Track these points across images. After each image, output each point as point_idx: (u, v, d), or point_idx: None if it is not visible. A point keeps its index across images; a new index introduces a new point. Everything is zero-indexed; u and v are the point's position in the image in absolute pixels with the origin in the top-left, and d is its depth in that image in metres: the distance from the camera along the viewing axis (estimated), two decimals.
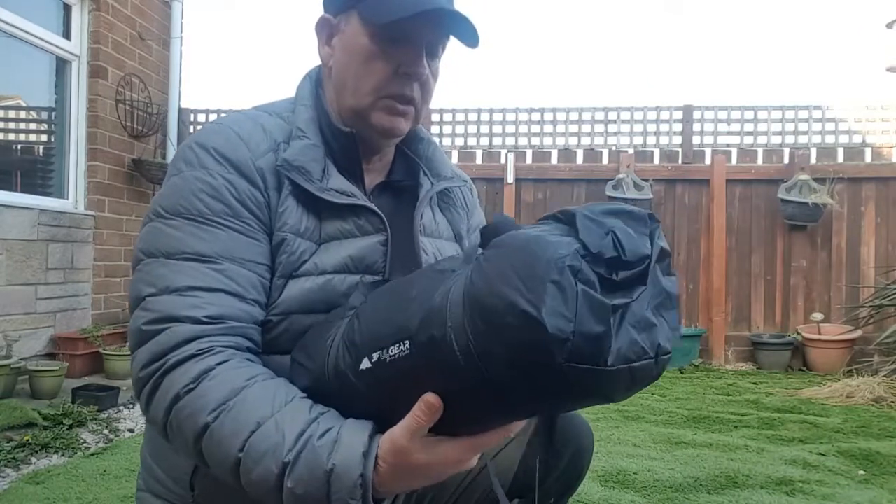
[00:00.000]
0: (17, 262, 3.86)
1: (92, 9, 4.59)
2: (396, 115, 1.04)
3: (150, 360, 0.86)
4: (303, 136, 1.02)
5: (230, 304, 0.90)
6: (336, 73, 1.06)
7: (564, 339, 0.57)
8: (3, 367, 3.40)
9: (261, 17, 12.77)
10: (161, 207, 0.94)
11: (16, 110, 4.76)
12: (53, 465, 2.67)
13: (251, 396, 0.82)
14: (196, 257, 0.90)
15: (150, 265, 0.91)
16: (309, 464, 0.77)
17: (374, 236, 1.03)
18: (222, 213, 0.93)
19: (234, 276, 0.91)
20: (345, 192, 1.01)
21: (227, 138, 0.98)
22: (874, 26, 8.95)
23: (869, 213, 5.29)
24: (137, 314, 0.89)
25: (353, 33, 1.02)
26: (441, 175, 1.18)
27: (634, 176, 5.34)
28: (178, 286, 0.88)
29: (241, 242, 0.94)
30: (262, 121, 1.03)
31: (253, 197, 0.96)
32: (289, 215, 0.98)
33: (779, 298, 5.37)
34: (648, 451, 2.84)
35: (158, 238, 0.92)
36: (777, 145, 5.50)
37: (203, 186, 0.94)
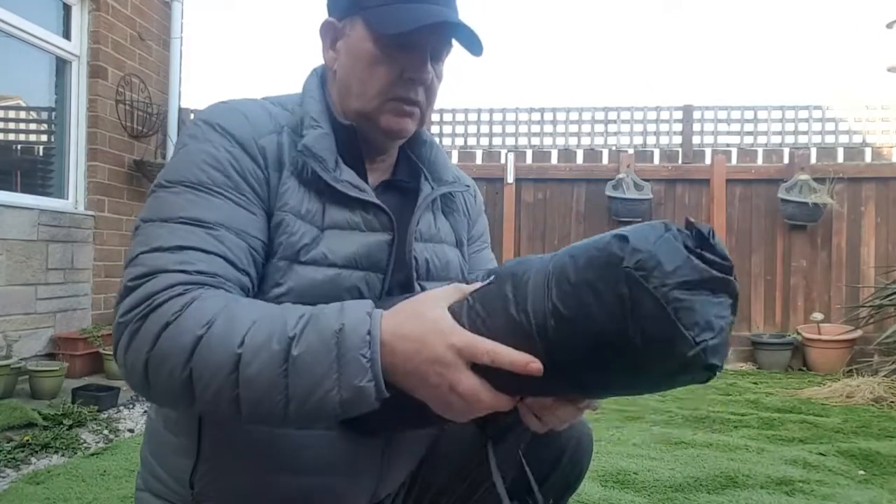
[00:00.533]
0: (17, 262, 3.86)
1: (92, 9, 4.59)
2: (404, 115, 1.06)
3: (134, 304, 0.84)
4: (316, 125, 1.03)
5: (222, 265, 0.90)
6: (340, 77, 1.07)
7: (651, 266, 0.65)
8: (3, 368, 3.40)
9: (261, 17, 12.78)
10: (164, 178, 0.96)
11: (16, 110, 4.76)
12: (53, 465, 2.67)
13: (242, 304, 0.84)
14: (192, 221, 0.91)
15: (147, 228, 0.91)
16: (317, 328, 0.79)
17: (381, 234, 1.04)
18: (223, 185, 0.95)
19: (229, 243, 0.91)
20: (357, 185, 1.03)
21: (232, 115, 1.00)
22: (874, 26, 8.96)
23: (869, 213, 5.29)
24: (126, 271, 0.88)
25: (358, 38, 1.03)
26: (442, 179, 1.19)
27: (634, 176, 5.34)
28: (170, 245, 0.88)
29: (239, 213, 0.94)
30: (267, 106, 1.05)
31: (254, 172, 0.97)
32: (290, 196, 0.99)
33: (779, 298, 5.37)
34: (648, 451, 2.84)
35: (158, 204, 0.93)
36: (777, 145, 5.51)
37: (206, 157, 0.95)
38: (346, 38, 1.06)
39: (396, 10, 1.00)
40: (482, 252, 1.30)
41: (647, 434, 3.13)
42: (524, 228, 5.64)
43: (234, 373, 0.78)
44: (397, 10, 1.00)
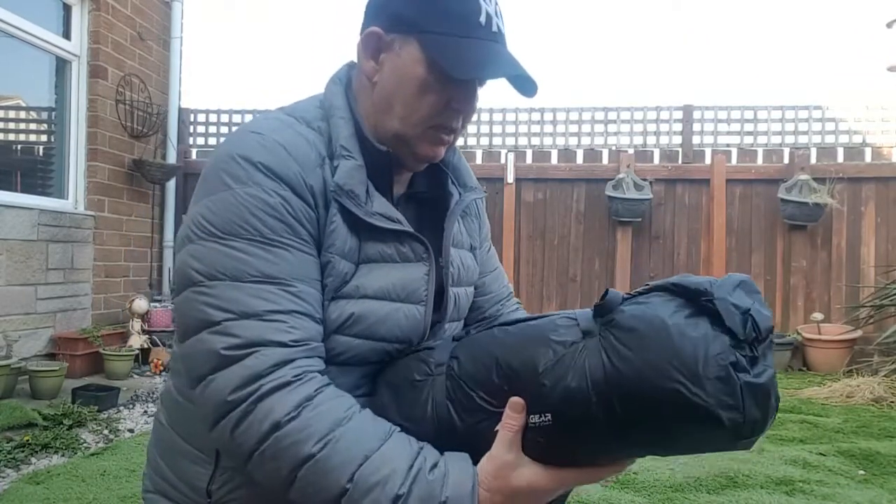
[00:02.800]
0: (17, 262, 3.86)
1: (92, 9, 4.59)
2: (440, 144, 1.04)
3: (241, 384, 0.84)
4: (349, 155, 0.99)
5: (308, 325, 0.90)
6: (381, 93, 1.02)
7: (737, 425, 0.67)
8: (3, 368, 3.40)
9: (261, 17, 12.78)
10: (212, 226, 0.90)
11: (16, 110, 4.76)
12: (53, 465, 2.67)
13: (354, 428, 0.84)
14: (268, 280, 0.88)
15: (217, 288, 0.88)
16: (422, 496, 0.80)
17: (416, 265, 1.03)
18: (283, 232, 0.91)
19: (306, 296, 0.90)
20: (389, 216, 1.00)
21: (275, 153, 0.94)
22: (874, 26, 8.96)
23: (869, 213, 5.29)
24: (211, 338, 0.86)
25: (410, 60, 0.98)
26: (467, 185, 1.17)
27: (634, 176, 5.34)
28: (257, 310, 0.86)
29: (305, 261, 0.92)
30: (300, 130, 1.00)
31: (307, 214, 0.94)
32: (336, 236, 0.96)
33: (779, 298, 5.37)
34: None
35: (219, 259, 0.89)
36: (777, 145, 5.51)
37: (259, 204, 0.90)
38: (393, 53, 1.00)
39: (462, 48, 0.96)
40: (489, 252, 1.32)
41: None
42: (524, 228, 5.65)
43: (337, 500, 0.81)
44: (464, 48, 0.96)
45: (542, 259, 5.60)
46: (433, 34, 0.96)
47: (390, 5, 1.02)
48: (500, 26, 1.00)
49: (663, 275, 5.47)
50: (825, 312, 5.16)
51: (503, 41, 1.01)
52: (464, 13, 0.97)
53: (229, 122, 6.04)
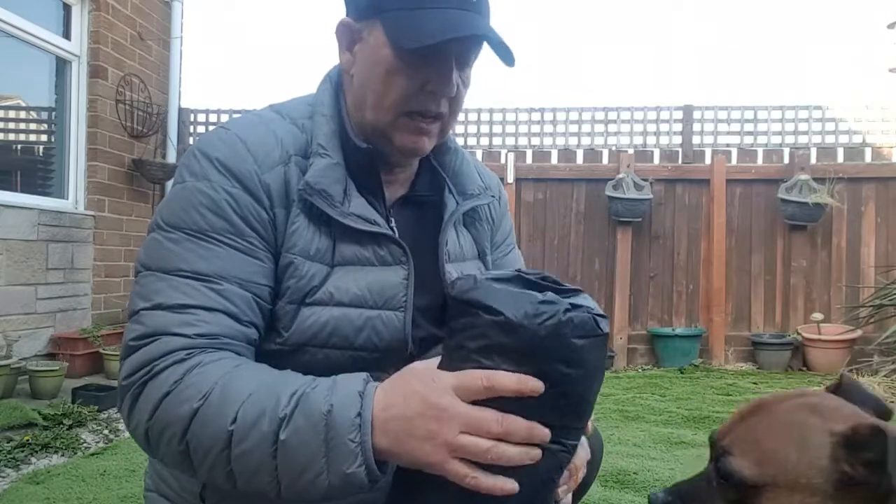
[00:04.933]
0: (17, 262, 3.86)
1: (92, 9, 4.59)
2: (420, 133, 0.97)
3: (136, 368, 0.84)
4: (324, 153, 0.95)
5: (226, 323, 0.87)
6: (356, 85, 0.99)
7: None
8: (3, 367, 3.40)
9: (261, 17, 12.78)
10: (162, 219, 0.91)
11: (16, 110, 4.76)
12: (53, 465, 2.67)
13: (241, 375, 0.82)
14: (193, 275, 0.87)
15: (147, 278, 0.88)
16: (305, 411, 0.76)
17: (394, 268, 0.98)
18: (222, 230, 0.89)
19: (231, 296, 0.88)
20: (367, 217, 0.96)
21: (233, 148, 0.92)
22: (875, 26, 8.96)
23: (869, 213, 5.29)
24: (129, 327, 0.87)
25: (376, 44, 0.94)
26: (467, 192, 1.11)
27: (634, 176, 5.33)
28: (171, 303, 0.85)
29: (241, 261, 0.90)
30: (273, 127, 0.97)
31: (256, 214, 0.91)
32: (298, 237, 0.93)
33: (779, 298, 5.37)
34: (648, 451, 2.84)
35: (157, 251, 0.89)
36: (777, 145, 5.50)
37: (204, 199, 0.89)
38: (363, 42, 0.96)
39: (419, 18, 0.90)
40: (509, 255, 1.25)
41: (646, 434, 3.13)
42: (524, 228, 5.64)
43: (226, 449, 0.77)
44: (420, 18, 0.90)
45: (542, 259, 5.60)
46: (394, 12, 0.92)
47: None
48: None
49: (663, 275, 5.47)
50: (825, 312, 5.16)
51: (477, 9, 0.93)
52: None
53: None
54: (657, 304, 5.48)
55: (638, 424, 3.34)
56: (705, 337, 5.32)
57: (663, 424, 3.35)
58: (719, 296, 5.31)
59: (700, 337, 5.28)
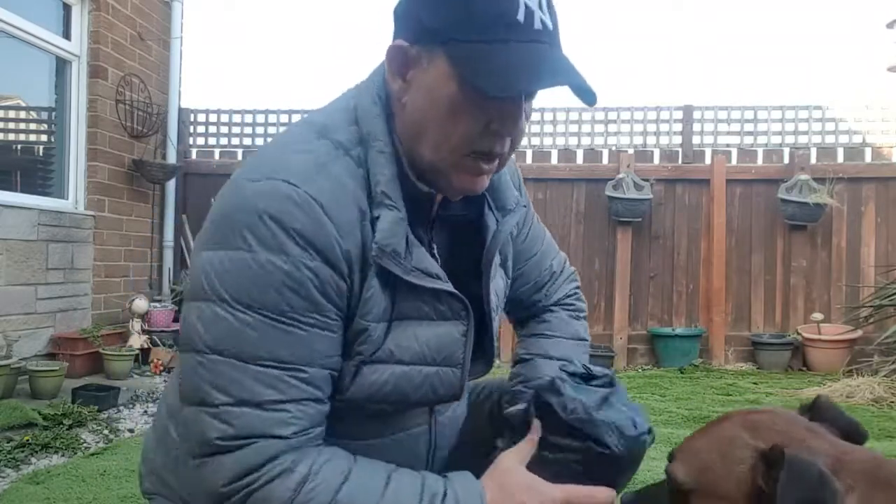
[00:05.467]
0: (17, 262, 3.86)
1: (92, 9, 4.59)
2: (480, 174, 0.90)
3: (236, 476, 0.80)
4: (391, 205, 0.87)
5: (312, 412, 0.84)
6: (411, 117, 0.89)
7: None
8: (3, 367, 3.40)
9: (261, 17, 12.78)
10: (226, 289, 0.81)
11: (16, 110, 4.76)
12: (53, 465, 2.67)
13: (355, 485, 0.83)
14: (277, 365, 0.81)
15: (220, 365, 0.81)
16: None
17: (454, 324, 0.95)
18: (303, 310, 0.82)
19: (316, 380, 0.84)
20: (429, 272, 0.91)
21: (311, 215, 0.82)
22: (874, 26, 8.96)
23: (869, 213, 5.29)
24: (207, 421, 0.81)
25: (438, 76, 0.84)
26: (506, 207, 1.04)
27: (634, 176, 5.33)
28: (259, 400, 0.80)
29: (321, 339, 0.84)
30: (339, 172, 0.86)
31: (336, 286, 0.85)
32: (374, 303, 0.88)
33: (779, 298, 5.37)
34: (648, 451, 2.83)
35: (229, 334, 0.81)
36: (777, 145, 5.50)
37: (284, 278, 0.81)
38: (421, 70, 0.86)
39: (494, 55, 0.80)
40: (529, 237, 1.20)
41: None
42: None
43: None
44: (495, 55, 0.80)
45: None
46: (461, 42, 0.82)
47: (413, 12, 0.87)
48: (544, 21, 0.84)
49: (663, 275, 5.47)
50: (825, 312, 5.16)
51: (551, 39, 0.85)
52: (496, 12, 0.81)
53: (229, 121, 6.04)
54: (657, 304, 5.48)
55: None
56: (705, 337, 5.32)
57: (663, 424, 3.35)
58: (719, 296, 5.31)
59: (700, 337, 5.28)
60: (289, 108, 5.95)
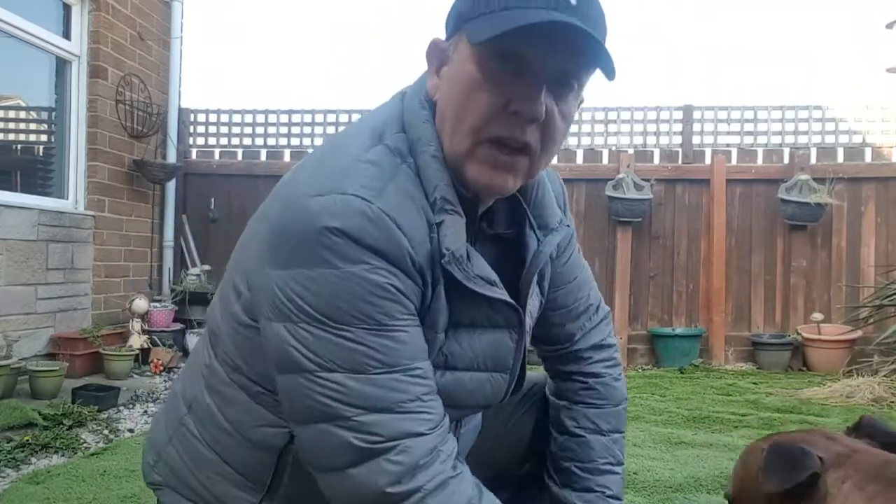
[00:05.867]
0: (17, 262, 3.86)
1: (92, 9, 4.59)
2: (500, 168, 0.86)
3: (398, 479, 0.81)
4: (451, 209, 0.86)
5: (436, 403, 0.86)
6: (439, 111, 0.88)
7: None
8: (3, 367, 3.40)
9: (261, 17, 12.78)
10: (317, 311, 0.81)
11: (16, 110, 4.76)
12: (53, 465, 2.67)
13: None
14: (392, 368, 0.82)
15: (337, 380, 0.81)
16: None
17: (506, 332, 0.96)
18: (397, 313, 0.83)
19: (426, 372, 0.86)
20: (488, 279, 0.91)
21: (386, 231, 0.81)
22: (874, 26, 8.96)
23: (869, 213, 5.29)
24: (344, 433, 0.81)
25: (461, 59, 0.84)
26: (548, 226, 1.02)
27: (634, 176, 5.33)
28: (389, 404, 0.81)
29: (418, 336, 0.86)
30: (403, 183, 0.85)
31: (416, 292, 0.86)
32: (439, 312, 0.89)
33: (779, 298, 5.37)
34: (648, 451, 2.84)
35: (333, 350, 0.81)
36: (777, 145, 5.50)
37: (370, 287, 0.81)
38: (450, 62, 0.87)
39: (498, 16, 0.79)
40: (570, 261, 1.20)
41: (646, 434, 3.13)
42: None
43: None
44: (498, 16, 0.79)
45: None
46: (477, 17, 0.81)
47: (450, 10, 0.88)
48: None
49: (663, 275, 5.47)
50: (825, 312, 5.16)
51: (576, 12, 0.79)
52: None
53: (229, 121, 6.04)
54: (657, 304, 5.48)
55: (638, 424, 3.34)
56: (705, 337, 5.32)
57: (663, 424, 3.35)
58: (719, 296, 5.31)
59: (700, 337, 5.28)
60: (289, 108, 5.95)
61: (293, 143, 5.96)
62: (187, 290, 5.13)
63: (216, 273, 5.52)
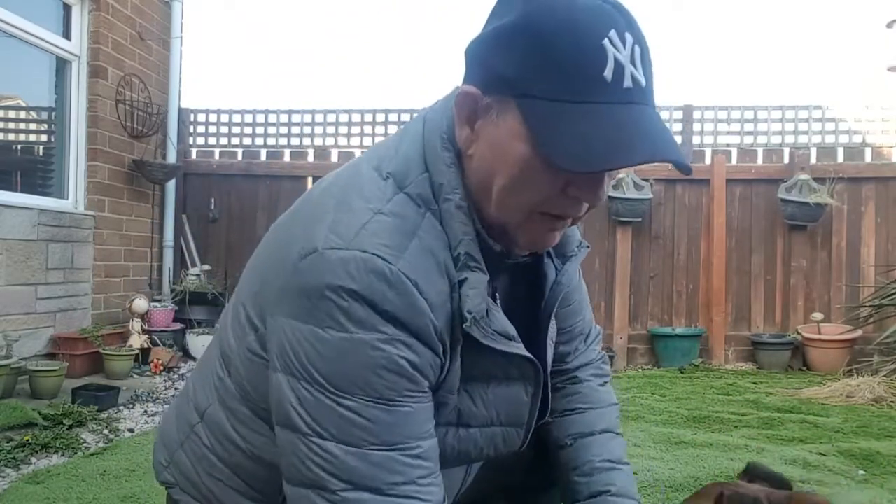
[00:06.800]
0: (17, 262, 3.86)
1: (92, 9, 4.59)
2: (552, 231, 0.82)
3: None
4: (475, 266, 0.81)
5: (432, 487, 0.81)
6: (478, 172, 0.81)
7: None
8: (3, 367, 3.40)
9: (261, 17, 12.78)
10: (321, 374, 0.77)
11: (16, 110, 4.76)
12: (53, 465, 2.67)
13: None
14: (389, 446, 0.78)
15: (327, 449, 0.78)
16: None
17: (522, 385, 0.91)
18: (405, 389, 0.79)
19: (427, 453, 0.81)
20: (507, 334, 0.86)
21: (405, 296, 0.76)
22: (874, 26, 8.96)
23: (869, 213, 5.29)
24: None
25: (509, 133, 0.75)
26: (567, 254, 0.97)
27: (634, 176, 5.33)
28: (377, 485, 0.77)
29: (425, 413, 0.82)
30: (426, 240, 0.80)
31: (433, 364, 0.81)
32: (454, 375, 0.84)
33: (779, 298, 5.37)
34: (648, 451, 2.84)
35: (330, 418, 0.77)
36: (777, 145, 5.50)
37: (381, 360, 0.76)
38: (490, 122, 0.78)
39: (572, 120, 0.71)
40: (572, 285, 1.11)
41: (646, 434, 3.13)
42: None
43: None
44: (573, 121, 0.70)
45: None
46: (535, 99, 0.72)
47: (486, 56, 0.77)
48: (636, 78, 0.73)
49: (663, 275, 5.47)
50: (825, 312, 5.16)
51: (643, 98, 0.74)
52: (578, 66, 0.70)
53: (229, 121, 6.04)
54: (657, 304, 5.48)
55: (638, 424, 3.33)
56: (705, 337, 5.32)
57: (663, 424, 3.35)
58: (719, 296, 5.31)
59: (700, 337, 5.28)
60: (288, 108, 5.95)
61: (293, 143, 5.95)
62: (187, 290, 5.13)
63: (216, 273, 5.52)
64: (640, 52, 0.73)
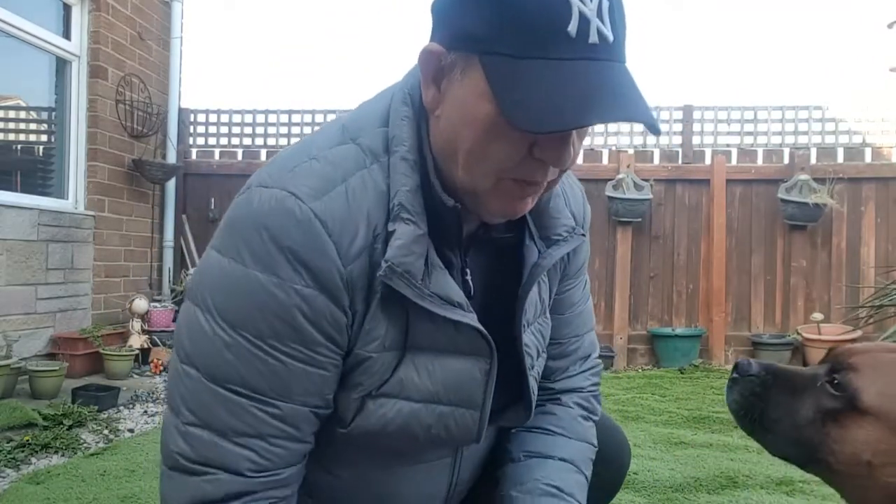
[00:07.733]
0: (17, 262, 3.86)
1: (92, 9, 4.59)
2: (522, 198, 0.79)
3: (187, 501, 0.78)
4: (408, 218, 0.77)
5: (284, 451, 0.79)
6: (444, 134, 0.78)
7: None
8: (3, 367, 3.40)
9: (261, 17, 12.78)
10: (214, 303, 0.77)
11: (16, 110, 4.76)
12: (53, 465, 2.67)
13: None
14: (248, 394, 0.76)
15: (192, 378, 0.77)
16: None
17: (474, 361, 0.85)
18: (287, 340, 0.76)
19: (290, 417, 0.78)
20: (449, 299, 0.80)
21: (310, 235, 0.74)
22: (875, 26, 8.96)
23: (869, 213, 5.29)
24: (174, 434, 0.79)
25: (474, 92, 0.72)
26: (552, 238, 0.91)
27: (634, 176, 5.33)
28: (222, 428, 0.76)
29: (304, 375, 0.78)
30: (356, 186, 0.78)
31: (332, 318, 0.77)
32: (378, 331, 0.80)
33: (779, 298, 5.37)
34: (648, 451, 2.84)
35: (204, 347, 0.77)
36: (777, 145, 5.50)
37: (271, 302, 0.74)
38: (455, 81, 0.74)
39: (537, 77, 0.67)
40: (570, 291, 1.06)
41: (646, 434, 3.13)
42: None
43: None
44: (536, 78, 0.67)
45: None
46: (499, 56, 0.69)
47: (451, 13, 0.74)
48: (602, 33, 0.68)
49: (663, 275, 5.47)
50: (825, 312, 5.16)
51: (611, 54, 0.69)
52: (542, 21, 0.67)
53: (229, 121, 6.04)
54: (657, 304, 5.48)
55: (638, 424, 3.34)
56: (705, 337, 5.32)
57: (663, 424, 3.35)
58: (719, 296, 5.31)
59: (700, 337, 5.28)
60: (288, 108, 5.95)
61: (293, 143, 5.95)
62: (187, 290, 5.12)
63: None
64: (609, 6, 0.68)
